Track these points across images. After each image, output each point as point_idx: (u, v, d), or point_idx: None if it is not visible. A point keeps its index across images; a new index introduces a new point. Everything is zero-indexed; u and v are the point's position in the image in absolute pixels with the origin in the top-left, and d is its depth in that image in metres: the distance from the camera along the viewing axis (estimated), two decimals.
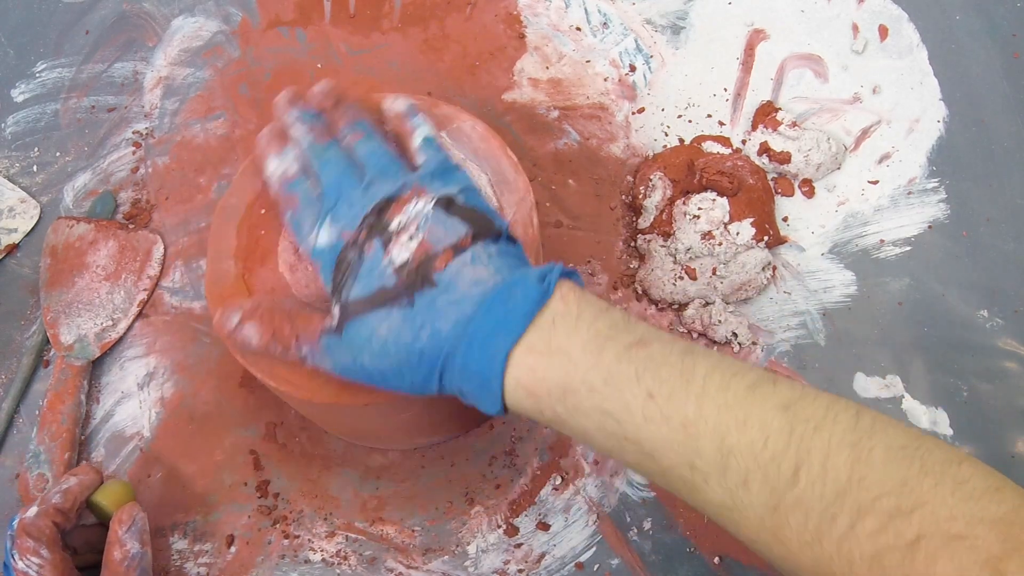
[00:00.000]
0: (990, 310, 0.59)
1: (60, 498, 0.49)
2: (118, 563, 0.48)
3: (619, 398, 0.37)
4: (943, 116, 0.65)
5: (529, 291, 0.39)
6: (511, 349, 0.38)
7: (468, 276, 0.40)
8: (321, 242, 0.44)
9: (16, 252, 0.65)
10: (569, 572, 0.53)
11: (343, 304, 0.42)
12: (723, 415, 0.35)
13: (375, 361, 0.41)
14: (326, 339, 0.43)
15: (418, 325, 0.40)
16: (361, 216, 0.43)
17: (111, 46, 0.72)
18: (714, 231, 0.60)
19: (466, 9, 0.71)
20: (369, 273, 0.42)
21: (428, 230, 0.42)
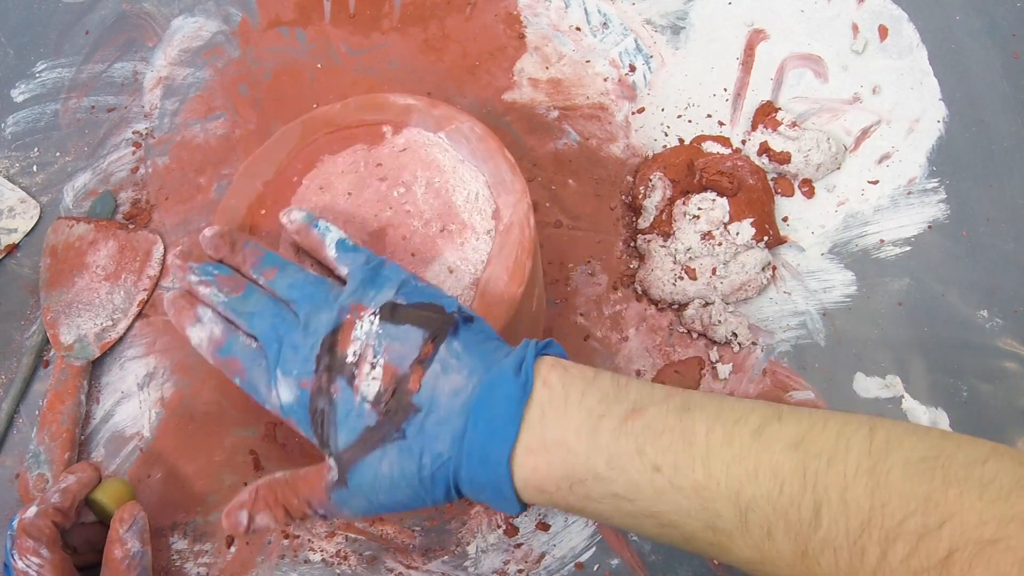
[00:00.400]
0: (990, 310, 0.59)
1: (59, 497, 0.49)
2: (119, 561, 0.48)
3: (626, 478, 0.36)
4: (943, 116, 0.65)
5: (509, 389, 0.38)
6: (509, 455, 0.38)
7: (445, 388, 0.39)
8: (285, 399, 0.42)
9: (16, 252, 0.65)
10: (569, 572, 0.53)
11: (337, 455, 0.41)
12: (733, 471, 0.35)
13: (390, 497, 0.40)
14: (335, 494, 0.41)
15: (417, 454, 0.39)
16: (312, 358, 0.41)
17: (111, 46, 0.72)
18: (714, 231, 0.60)
19: (466, 9, 0.71)
20: (347, 417, 0.40)
21: (385, 350, 0.40)
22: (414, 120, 0.53)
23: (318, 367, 0.41)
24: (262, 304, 0.44)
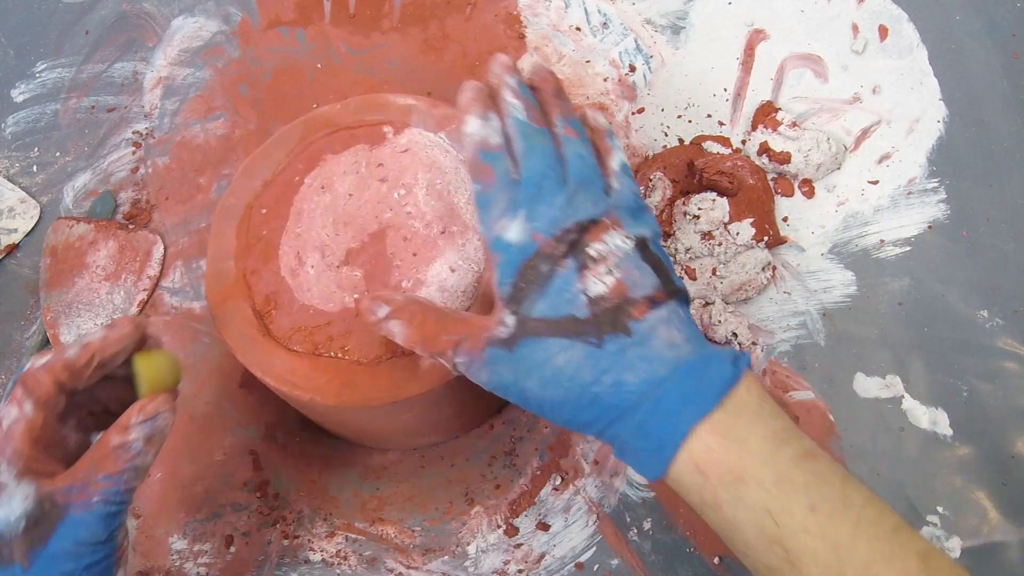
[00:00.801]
0: (990, 310, 0.59)
1: (75, 352, 0.43)
2: (111, 447, 0.42)
3: (785, 502, 0.38)
4: (943, 116, 0.65)
5: (724, 371, 0.39)
6: (697, 423, 0.38)
7: (663, 336, 0.40)
8: (510, 236, 0.41)
9: (16, 252, 0.65)
10: (569, 572, 0.53)
11: (522, 318, 0.40)
12: (872, 546, 0.37)
13: (541, 388, 0.40)
14: (492, 350, 0.41)
15: (602, 368, 0.39)
16: (560, 226, 0.41)
17: (111, 46, 0.72)
18: (714, 231, 0.60)
19: (466, 9, 0.71)
20: (559, 293, 0.40)
21: (624, 270, 0.41)
22: (415, 120, 0.53)
23: (561, 237, 0.41)
24: (548, 149, 0.44)
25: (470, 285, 0.48)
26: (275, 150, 0.54)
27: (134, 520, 0.56)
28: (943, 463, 0.55)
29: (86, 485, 0.41)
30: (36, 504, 0.41)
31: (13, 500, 0.40)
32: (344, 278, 0.49)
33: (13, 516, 0.40)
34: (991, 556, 0.53)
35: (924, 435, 0.56)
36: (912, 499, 0.54)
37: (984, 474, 0.54)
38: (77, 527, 0.41)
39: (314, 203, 0.51)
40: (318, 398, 0.47)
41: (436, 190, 0.51)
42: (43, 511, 0.41)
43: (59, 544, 0.41)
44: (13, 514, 0.40)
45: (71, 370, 0.43)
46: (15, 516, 0.40)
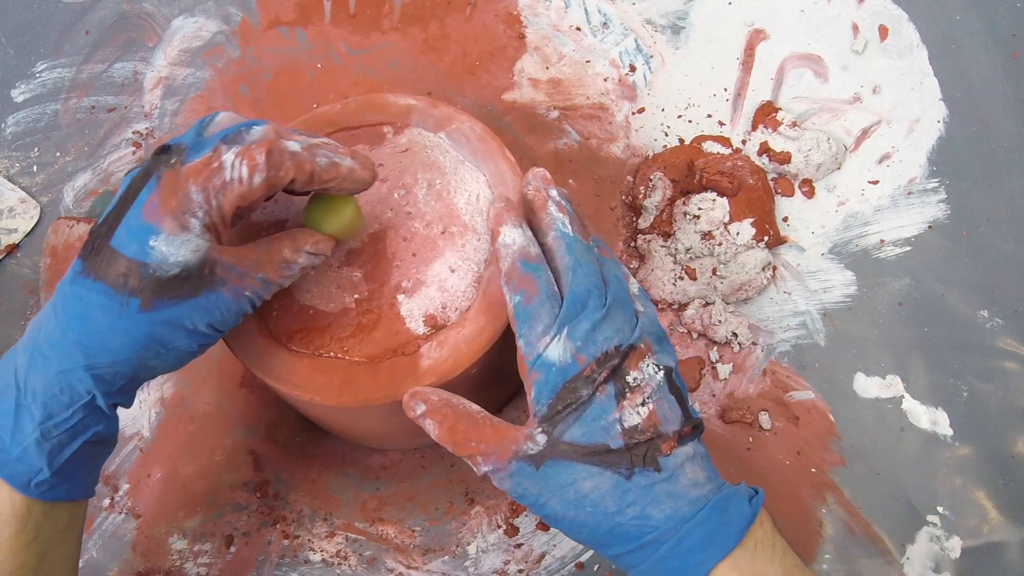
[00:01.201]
0: (990, 310, 0.59)
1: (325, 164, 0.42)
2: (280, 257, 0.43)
3: None
4: (943, 116, 0.65)
5: (743, 510, 0.40)
6: (718, 562, 0.39)
7: (689, 474, 0.41)
8: (551, 355, 0.41)
9: (16, 252, 0.65)
10: (569, 572, 0.53)
11: (553, 440, 0.40)
12: None
13: (563, 509, 0.41)
14: (518, 464, 0.41)
15: (628, 501, 0.40)
16: (602, 349, 0.41)
17: (111, 46, 0.72)
18: (714, 231, 0.60)
19: (466, 9, 0.71)
20: (595, 420, 0.40)
21: (656, 402, 0.41)
22: (414, 120, 0.53)
23: (602, 359, 0.41)
24: (595, 268, 0.43)
25: (470, 285, 0.48)
26: None
27: (134, 520, 0.56)
28: (943, 463, 0.55)
29: (245, 275, 0.41)
30: (200, 262, 0.40)
31: (185, 246, 0.39)
32: (344, 278, 0.49)
33: (172, 258, 0.39)
34: (991, 556, 0.53)
35: (924, 435, 0.56)
36: (912, 499, 0.54)
37: (984, 474, 0.54)
38: (216, 307, 0.41)
39: None
40: (318, 398, 0.47)
41: (436, 190, 0.51)
42: (200, 272, 0.40)
43: (191, 311, 0.40)
44: (174, 256, 0.39)
45: (309, 175, 0.42)
46: (174, 259, 0.39)
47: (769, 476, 0.55)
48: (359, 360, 0.47)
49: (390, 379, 0.47)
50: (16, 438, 0.39)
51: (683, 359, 0.58)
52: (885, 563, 0.53)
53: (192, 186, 0.39)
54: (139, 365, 0.41)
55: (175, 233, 0.39)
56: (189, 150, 0.41)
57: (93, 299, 0.39)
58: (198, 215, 0.40)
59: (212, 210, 0.40)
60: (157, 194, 0.39)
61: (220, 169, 0.40)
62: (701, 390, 0.58)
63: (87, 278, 0.39)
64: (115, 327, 0.39)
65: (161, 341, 0.40)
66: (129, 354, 0.40)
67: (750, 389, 0.58)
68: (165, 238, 0.39)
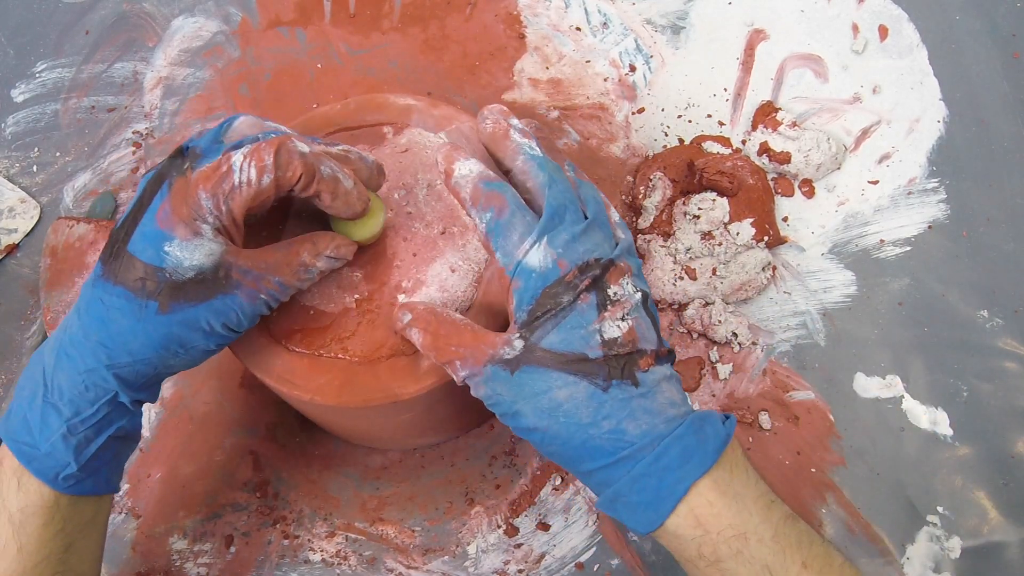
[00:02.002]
0: (990, 310, 0.59)
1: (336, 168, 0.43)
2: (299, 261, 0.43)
3: (782, 558, 0.39)
4: (943, 116, 0.65)
5: (718, 431, 0.40)
6: (699, 479, 0.39)
7: (666, 392, 0.40)
8: (532, 260, 0.40)
9: (16, 252, 0.65)
10: (569, 572, 0.53)
11: (530, 345, 0.40)
12: None
13: (535, 417, 0.40)
14: (492, 369, 0.41)
15: (603, 414, 0.39)
16: (584, 258, 0.40)
17: (111, 46, 0.72)
18: (714, 231, 0.60)
19: (466, 9, 0.71)
20: (575, 328, 0.40)
21: (635, 319, 0.41)
22: (414, 120, 0.53)
23: (584, 267, 0.40)
24: (568, 185, 0.43)
25: (470, 285, 0.48)
26: None
27: (134, 520, 0.56)
28: (943, 463, 0.55)
29: (261, 278, 0.42)
30: (214, 265, 0.41)
31: (198, 250, 0.40)
32: (344, 279, 0.49)
33: (187, 263, 0.40)
34: (991, 556, 0.53)
35: (924, 435, 0.56)
36: (912, 499, 0.54)
37: (984, 474, 0.54)
38: (232, 309, 0.42)
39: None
40: (318, 398, 0.47)
41: (436, 190, 0.51)
42: (216, 276, 0.41)
43: (208, 312, 0.41)
44: (189, 261, 0.40)
45: (310, 180, 0.42)
46: (189, 263, 0.40)
47: (769, 476, 0.55)
48: (359, 360, 0.47)
49: (390, 379, 0.47)
50: (44, 434, 0.41)
51: (683, 359, 0.58)
52: (885, 563, 0.53)
53: (202, 192, 0.40)
54: (159, 364, 0.42)
55: (188, 239, 0.40)
56: (203, 156, 0.41)
57: (113, 302, 0.40)
58: (209, 220, 0.40)
59: (223, 215, 0.41)
60: (169, 201, 0.40)
61: (229, 173, 0.40)
62: (701, 390, 0.58)
63: (107, 282, 0.40)
64: (135, 329, 0.40)
65: (179, 341, 0.41)
66: (149, 354, 0.41)
67: (750, 389, 0.58)
68: (179, 243, 0.40)
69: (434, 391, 0.47)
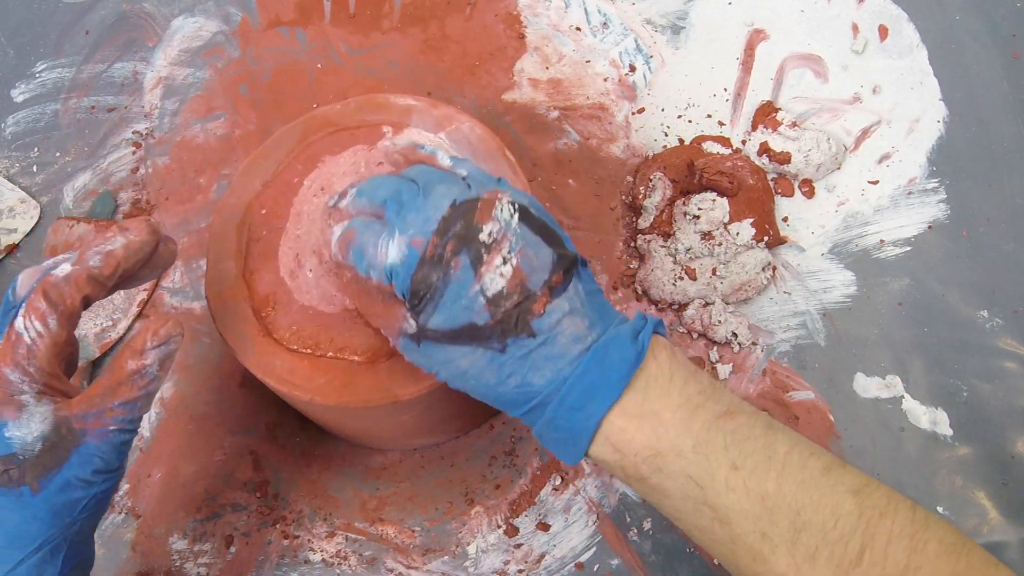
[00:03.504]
0: (990, 310, 0.59)
1: (99, 262, 0.41)
2: (127, 372, 0.41)
3: (706, 466, 0.39)
4: (943, 116, 0.65)
5: (625, 352, 0.39)
6: (606, 412, 0.39)
7: (568, 329, 0.39)
8: (392, 258, 0.40)
9: (16, 252, 0.65)
10: (569, 572, 0.53)
11: (420, 327, 0.40)
12: (800, 493, 0.38)
13: (452, 380, 0.41)
14: (403, 341, 0.41)
15: (506, 373, 0.39)
16: (435, 220, 0.39)
17: (111, 46, 0.72)
18: (714, 231, 0.60)
19: (466, 9, 0.71)
20: (455, 300, 0.39)
21: (520, 253, 0.39)
22: (414, 120, 0.53)
23: (443, 231, 0.39)
24: (386, 179, 0.43)
25: None
26: (275, 150, 0.54)
27: (134, 520, 0.56)
28: (943, 463, 0.55)
29: (102, 412, 0.41)
30: (53, 428, 0.40)
31: (32, 421, 0.40)
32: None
33: (30, 437, 0.39)
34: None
35: (924, 435, 0.56)
36: (912, 499, 0.54)
37: (984, 474, 0.54)
38: (92, 455, 0.41)
39: (314, 204, 0.51)
40: (318, 398, 0.47)
41: None
42: (59, 435, 0.40)
43: (72, 471, 0.40)
44: (30, 435, 0.39)
45: (96, 282, 0.41)
46: (32, 437, 0.39)
47: None
48: (359, 360, 0.47)
49: (390, 379, 0.47)
50: None
51: None
52: None
53: (4, 369, 0.40)
54: (65, 533, 0.41)
55: (17, 416, 0.39)
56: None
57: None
58: (25, 390, 0.40)
59: (34, 376, 0.40)
60: None
61: (19, 339, 0.40)
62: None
63: None
64: (24, 518, 0.40)
65: (67, 507, 0.41)
66: (50, 531, 0.40)
67: (750, 389, 0.58)
68: (13, 424, 0.39)
69: (434, 391, 0.47)
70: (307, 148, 0.53)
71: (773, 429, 0.40)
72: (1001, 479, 0.54)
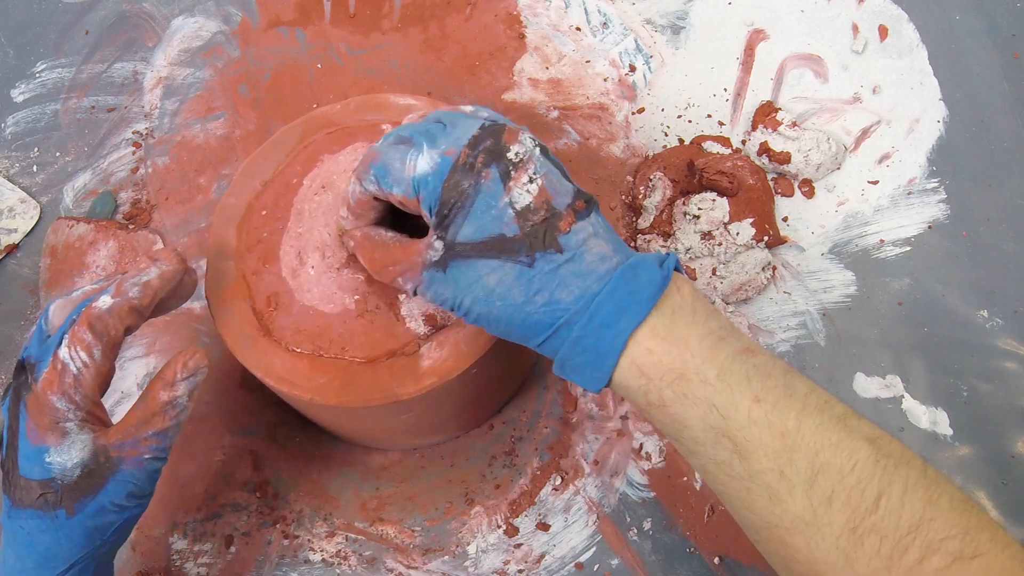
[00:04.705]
0: (990, 310, 0.59)
1: (138, 293, 0.43)
2: (160, 404, 0.43)
3: (729, 395, 0.38)
4: (943, 116, 0.65)
5: (653, 275, 0.40)
6: (635, 329, 0.39)
7: (594, 249, 0.40)
8: (421, 168, 0.40)
9: (16, 252, 0.65)
10: (569, 572, 0.53)
11: (448, 243, 0.40)
12: (819, 434, 0.37)
13: (476, 305, 0.40)
14: (428, 274, 0.41)
15: (534, 289, 0.39)
16: (466, 136, 0.40)
17: (111, 46, 0.72)
18: (714, 231, 0.60)
19: (466, 9, 0.71)
20: (485, 211, 0.39)
21: (544, 176, 0.40)
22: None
23: (474, 145, 0.40)
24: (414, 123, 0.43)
25: None
26: (275, 150, 0.54)
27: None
28: (943, 463, 0.55)
29: (137, 442, 0.42)
30: (92, 455, 0.42)
31: (73, 448, 0.42)
32: (344, 279, 0.49)
33: (70, 463, 0.41)
34: None
35: (924, 435, 0.56)
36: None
37: (984, 474, 0.54)
38: (127, 482, 0.42)
39: (315, 203, 0.51)
40: (318, 398, 0.47)
41: None
42: (97, 463, 0.42)
43: (107, 497, 0.42)
44: (70, 461, 0.41)
45: (136, 312, 0.43)
46: (71, 464, 0.41)
47: None
48: (359, 360, 0.47)
49: (390, 379, 0.47)
50: None
51: None
52: None
53: (51, 397, 0.41)
54: (94, 554, 0.43)
55: (60, 443, 0.41)
56: (39, 362, 0.42)
57: (30, 525, 0.42)
58: (70, 418, 0.42)
59: (79, 405, 0.42)
60: (30, 418, 0.41)
61: (65, 369, 0.42)
62: None
63: (17, 509, 0.42)
64: (58, 539, 0.42)
65: (99, 530, 0.43)
66: (81, 553, 0.43)
67: None
68: (55, 450, 0.41)
69: (434, 391, 0.47)
70: (307, 148, 0.53)
71: (791, 371, 0.40)
72: (1001, 479, 0.54)
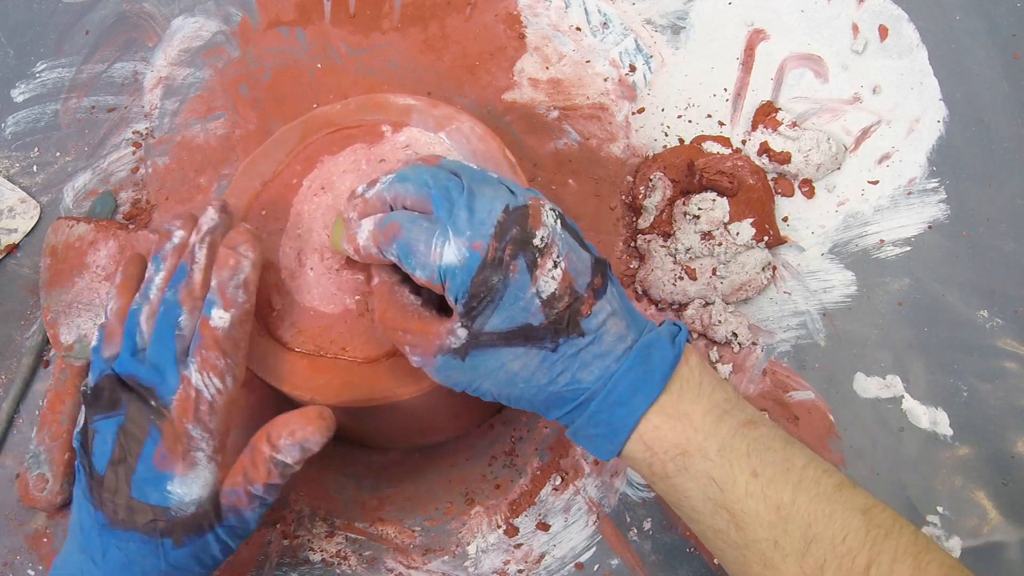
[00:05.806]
0: (990, 310, 0.59)
1: (245, 297, 0.43)
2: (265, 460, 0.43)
3: (728, 469, 0.40)
4: (943, 116, 0.65)
5: (666, 353, 0.42)
6: (646, 409, 0.41)
7: (612, 329, 0.41)
8: (448, 259, 0.40)
9: (16, 252, 0.65)
10: (569, 572, 0.53)
11: (474, 332, 0.40)
12: (813, 506, 0.40)
13: (496, 388, 0.42)
14: (443, 359, 0.41)
15: (557, 371, 0.41)
16: (490, 224, 0.40)
17: (111, 46, 0.72)
18: (714, 231, 0.60)
19: (466, 9, 0.71)
20: (513, 303, 0.40)
21: (566, 257, 0.40)
22: (414, 120, 0.53)
23: (500, 235, 0.40)
24: (423, 169, 0.43)
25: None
26: (275, 150, 0.54)
27: None
28: (943, 463, 0.55)
29: (246, 493, 0.43)
30: (209, 496, 0.42)
31: (195, 483, 0.42)
32: (345, 280, 0.49)
33: (188, 498, 0.42)
34: (991, 556, 0.53)
35: (924, 435, 0.56)
36: (912, 499, 0.54)
37: (984, 474, 0.55)
38: (235, 526, 0.43)
39: (314, 204, 0.51)
40: (318, 398, 0.47)
41: None
42: (212, 504, 0.42)
43: (215, 536, 0.43)
44: (188, 496, 0.42)
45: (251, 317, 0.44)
46: (189, 499, 0.42)
47: None
48: (359, 360, 0.47)
49: (390, 379, 0.47)
50: None
51: None
52: None
53: (188, 425, 0.42)
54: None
55: (186, 474, 0.42)
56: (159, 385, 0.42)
57: (132, 548, 0.42)
58: (202, 447, 0.42)
59: (213, 433, 0.42)
60: (163, 444, 0.41)
61: (200, 396, 0.42)
62: None
63: (119, 529, 0.42)
64: (158, 566, 0.42)
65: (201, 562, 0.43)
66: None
67: (750, 389, 0.58)
68: (179, 480, 0.42)
69: (434, 391, 0.47)
70: (307, 148, 0.53)
71: (791, 444, 0.42)
72: (1001, 479, 0.54)
